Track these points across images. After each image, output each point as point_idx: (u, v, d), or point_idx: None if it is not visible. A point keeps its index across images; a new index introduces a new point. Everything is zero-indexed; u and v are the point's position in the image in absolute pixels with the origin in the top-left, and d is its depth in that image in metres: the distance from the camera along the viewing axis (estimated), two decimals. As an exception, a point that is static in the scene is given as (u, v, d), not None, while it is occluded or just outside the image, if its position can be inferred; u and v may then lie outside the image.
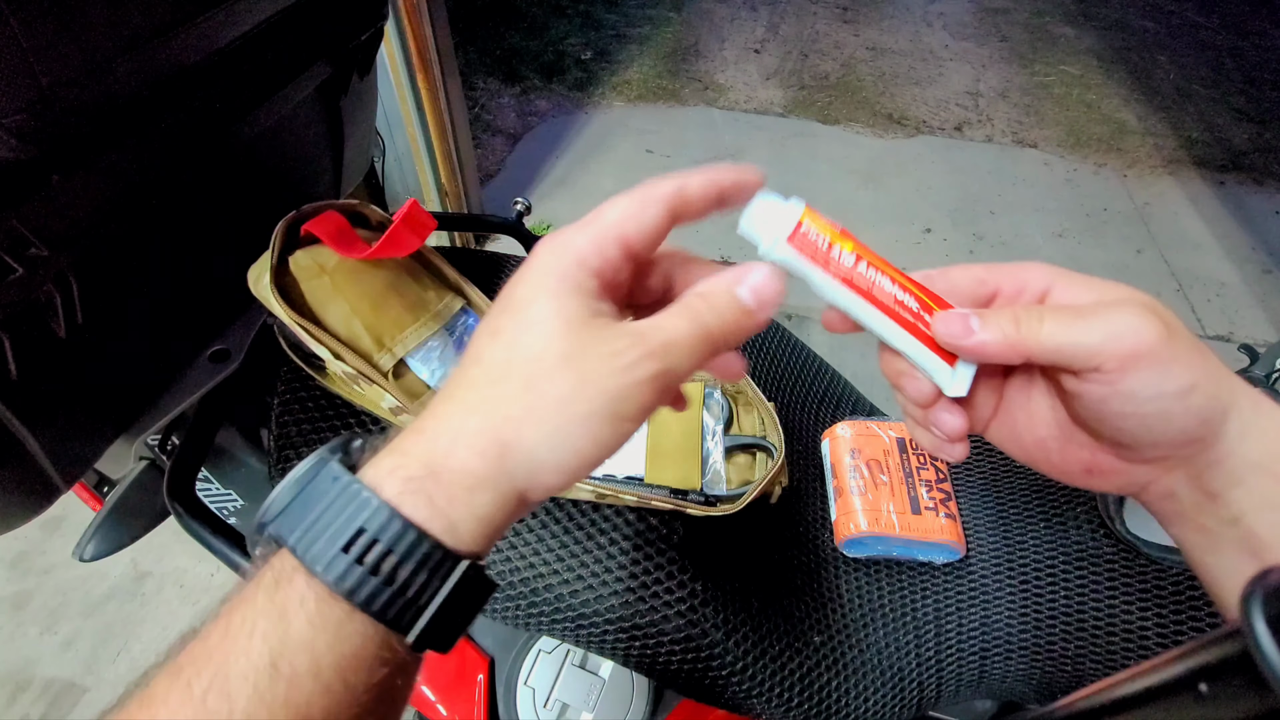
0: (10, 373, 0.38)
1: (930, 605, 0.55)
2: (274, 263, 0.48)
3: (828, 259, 0.26)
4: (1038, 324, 0.24)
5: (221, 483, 0.65)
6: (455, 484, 0.21)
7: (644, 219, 0.24)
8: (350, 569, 0.20)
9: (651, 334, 0.22)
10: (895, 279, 0.26)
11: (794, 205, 0.26)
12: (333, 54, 0.63)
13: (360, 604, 0.20)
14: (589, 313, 0.22)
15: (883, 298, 0.26)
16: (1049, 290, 0.26)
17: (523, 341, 0.22)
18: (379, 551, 0.20)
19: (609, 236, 0.23)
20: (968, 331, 0.25)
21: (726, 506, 0.51)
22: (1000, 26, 3.09)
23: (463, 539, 0.21)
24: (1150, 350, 0.22)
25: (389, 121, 1.52)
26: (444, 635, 0.22)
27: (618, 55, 2.73)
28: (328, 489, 0.21)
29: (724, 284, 0.24)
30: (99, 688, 1.09)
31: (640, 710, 0.56)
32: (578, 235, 0.23)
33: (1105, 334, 0.23)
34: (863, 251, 0.26)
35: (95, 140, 0.40)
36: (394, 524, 0.20)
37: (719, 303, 0.24)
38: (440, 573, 0.21)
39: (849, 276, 0.26)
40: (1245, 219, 2.06)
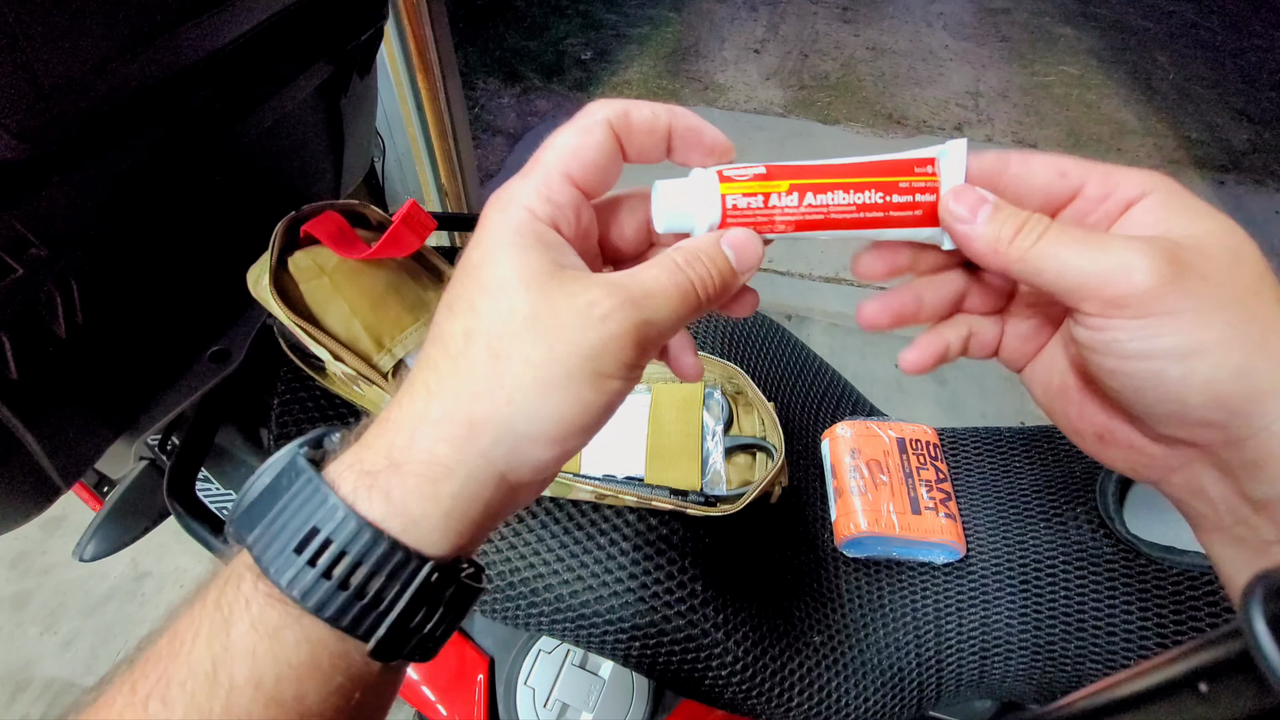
0: (10, 373, 0.38)
1: (930, 605, 0.55)
2: (273, 263, 0.48)
3: (770, 215, 0.23)
4: (1034, 239, 0.21)
5: (221, 483, 0.65)
6: (418, 475, 0.19)
7: (586, 148, 0.22)
8: (302, 572, 0.18)
9: (628, 283, 0.20)
10: (846, 184, 0.23)
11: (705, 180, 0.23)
12: (333, 54, 0.63)
13: (312, 609, 0.18)
14: (552, 265, 0.20)
15: (843, 215, 0.23)
16: (1139, 200, 0.22)
17: (482, 308, 0.20)
18: (333, 553, 0.18)
19: (554, 176, 0.21)
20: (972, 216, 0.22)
21: (726, 507, 0.51)
22: (1000, 26, 3.09)
23: (428, 537, 0.19)
24: (1139, 297, 0.19)
25: (389, 121, 1.52)
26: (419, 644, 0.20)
27: (618, 55, 2.73)
28: (290, 485, 0.19)
29: (708, 240, 0.22)
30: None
31: (640, 710, 0.56)
32: (522, 185, 0.21)
33: (1094, 269, 0.20)
34: (800, 179, 0.23)
35: (95, 140, 0.40)
36: (348, 523, 0.18)
37: (703, 256, 0.22)
38: (401, 576, 0.19)
39: (800, 219, 0.23)
40: (1245, 219, 2.06)
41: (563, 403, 0.19)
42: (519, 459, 0.20)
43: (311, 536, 0.18)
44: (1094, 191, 0.22)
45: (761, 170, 0.23)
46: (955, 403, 1.54)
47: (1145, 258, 0.19)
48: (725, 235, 0.23)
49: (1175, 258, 0.19)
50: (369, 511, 0.19)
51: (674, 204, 0.23)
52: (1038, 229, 0.21)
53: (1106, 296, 0.19)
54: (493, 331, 0.19)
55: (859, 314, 0.25)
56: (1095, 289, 0.20)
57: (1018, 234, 0.21)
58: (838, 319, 1.73)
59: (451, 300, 0.21)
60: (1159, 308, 0.19)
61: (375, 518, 0.19)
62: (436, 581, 0.19)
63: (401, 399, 0.21)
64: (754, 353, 0.68)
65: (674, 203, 0.23)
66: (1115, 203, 0.22)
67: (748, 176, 0.23)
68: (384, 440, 0.20)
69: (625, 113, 0.22)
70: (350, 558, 0.18)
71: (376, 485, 0.19)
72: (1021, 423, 1.52)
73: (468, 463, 0.19)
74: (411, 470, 0.19)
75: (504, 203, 0.21)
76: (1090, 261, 0.20)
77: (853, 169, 0.23)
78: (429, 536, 0.19)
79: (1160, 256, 0.19)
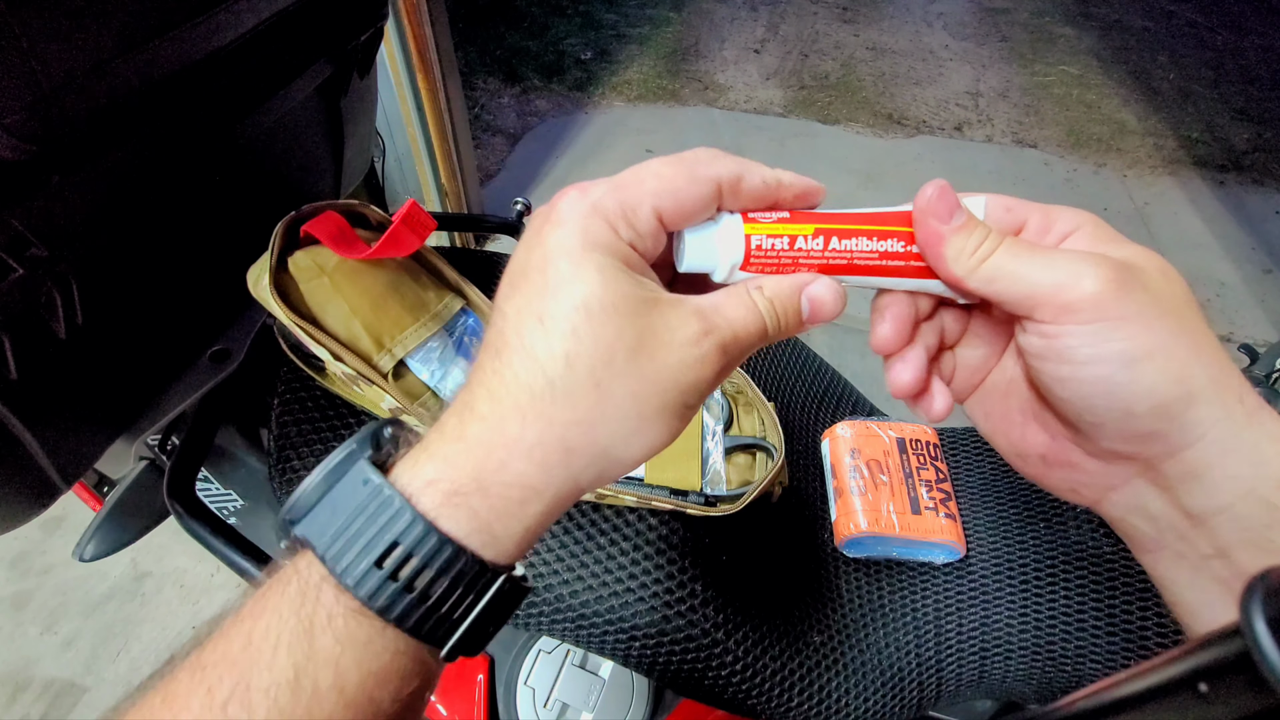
0: (10, 373, 0.38)
1: (930, 605, 0.55)
2: (273, 263, 0.48)
3: (795, 256, 0.23)
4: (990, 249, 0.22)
5: (221, 483, 0.65)
6: (505, 497, 0.19)
7: (688, 197, 0.21)
8: (383, 585, 0.19)
9: (719, 322, 0.21)
10: (870, 230, 0.23)
11: (731, 224, 0.23)
12: (333, 54, 0.63)
13: (395, 621, 0.19)
14: (642, 290, 0.20)
15: (865, 261, 0.24)
16: (1073, 233, 0.23)
17: (585, 333, 0.19)
18: (414, 567, 0.19)
19: (645, 205, 0.21)
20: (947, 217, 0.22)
21: (726, 507, 0.51)
22: (1000, 26, 3.09)
23: (505, 550, 0.20)
24: (1090, 302, 0.20)
25: (389, 121, 1.52)
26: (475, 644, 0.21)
27: (618, 55, 2.73)
28: (358, 492, 0.20)
29: (789, 287, 0.23)
30: (99, 688, 1.09)
31: (640, 710, 0.56)
32: (604, 195, 0.21)
33: (1045, 278, 0.21)
34: (825, 225, 0.23)
35: (95, 140, 0.40)
36: (430, 538, 0.19)
37: (780, 305, 0.22)
38: (477, 587, 0.20)
39: (823, 263, 0.24)
40: (1245, 219, 2.06)
41: (656, 433, 0.20)
42: (602, 478, 0.21)
43: (392, 550, 0.19)
44: (1035, 225, 0.24)
45: (785, 215, 0.24)
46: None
47: (1094, 267, 0.20)
48: (809, 286, 0.23)
49: (1120, 268, 0.20)
50: (452, 528, 0.19)
51: (700, 241, 0.23)
52: (994, 241, 0.22)
53: (1059, 303, 0.20)
54: (596, 360, 0.19)
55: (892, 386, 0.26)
56: (1047, 296, 0.21)
57: (979, 246, 0.22)
58: (838, 319, 1.73)
59: (541, 313, 0.20)
60: (1107, 313, 0.20)
61: (458, 534, 0.19)
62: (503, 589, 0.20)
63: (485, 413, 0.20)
64: (754, 353, 0.68)
65: (700, 240, 0.23)
66: (1054, 235, 0.24)
67: (772, 219, 0.23)
68: (473, 460, 0.20)
69: (739, 177, 0.22)
70: (431, 572, 0.19)
71: (463, 504, 0.19)
72: (1021, 423, 1.52)
73: (555, 484, 0.20)
74: (499, 492, 0.19)
75: (583, 210, 0.20)
76: (1042, 271, 0.21)
77: (877, 217, 0.24)
78: (505, 549, 0.20)
79: (1107, 266, 0.20)
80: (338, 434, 0.54)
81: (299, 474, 0.53)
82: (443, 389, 0.54)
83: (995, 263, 0.22)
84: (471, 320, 0.59)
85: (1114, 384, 0.20)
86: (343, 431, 0.54)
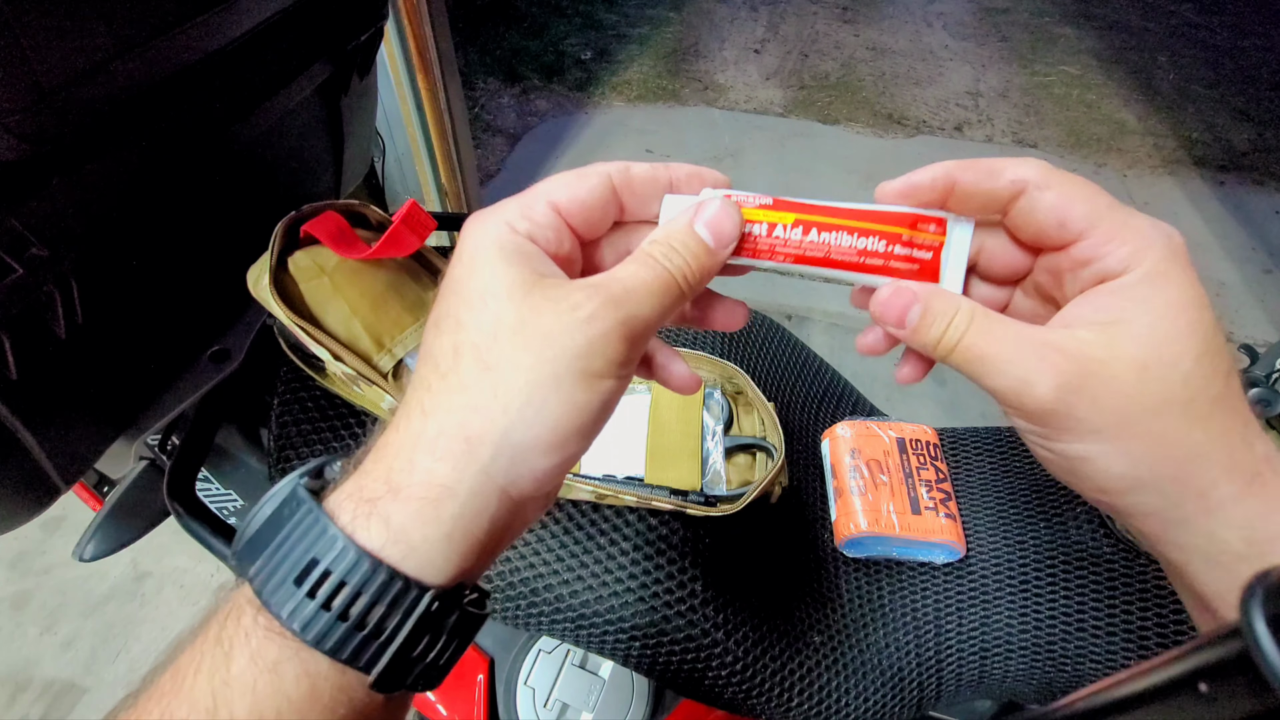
0: (10, 373, 0.38)
1: (930, 605, 0.55)
2: (273, 263, 0.48)
3: (771, 245, 0.23)
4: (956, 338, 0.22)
5: (221, 483, 0.65)
6: (419, 498, 0.19)
7: (576, 187, 0.22)
8: (301, 604, 0.18)
9: (608, 283, 0.20)
10: (852, 226, 0.23)
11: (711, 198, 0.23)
12: (333, 54, 0.63)
13: (312, 642, 0.18)
14: (533, 274, 0.20)
15: (843, 257, 0.23)
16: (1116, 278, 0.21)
17: (467, 321, 0.20)
18: (332, 584, 0.18)
19: (538, 199, 0.22)
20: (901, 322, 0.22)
21: (726, 507, 0.51)
22: (1000, 26, 3.09)
23: (430, 563, 0.19)
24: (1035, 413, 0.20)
25: (389, 121, 1.52)
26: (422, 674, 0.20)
27: (618, 55, 2.73)
28: (291, 515, 0.19)
29: (679, 224, 0.22)
30: (99, 688, 1.09)
31: (640, 710, 0.56)
32: (504, 204, 0.22)
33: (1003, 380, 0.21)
34: (806, 215, 0.23)
35: (95, 140, 0.40)
36: (347, 553, 0.18)
37: (676, 242, 0.22)
38: (402, 605, 0.18)
39: (800, 254, 0.23)
40: (1245, 219, 2.06)
41: (558, 406, 0.19)
42: (519, 470, 0.19)
43: (311, 568, 0.18)
44: (1082, 253, 0.22)
45: (769, 201, 0.23)
46: (955, 403, 1.54)
47: (1046, 376, 0.20)
48: (698, 215, 0.22)
49: (1074, 378, 0.20)
50: (368, 540, 0.18)
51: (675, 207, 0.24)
52: (960, 328, 0.21)
53: (1013, 405, 0.21)
54: (480, 343, 0.19)
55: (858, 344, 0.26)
56: (1003, 396, 0.21)
57: (943, 335, 0.22)
58: (838, 319, 1.73)
59: (438, 318, 0.21)
60: (1054, 422, 0.20)
61: (374, 546, 0.18)
62: (438, 610, 0.19)
63: (398, 422, 0.20)
64: (754, 353, 0.68)
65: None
66: (1092, 273, 0.21)
67: (754, 204, 0.23)
68: (382, 465, 0.20)
69: (626, 167, 0.23)
70: (349, 588, 0.18)
71: (375, 512, 0.19)
72: (1021, 423, 1.52)
73: (468, 480, 0.19)
74: (411, 494, 0.19)
75: (483, 219, 0.21)
76: (1000, 371, 0.21)
77: (861, 214, 0.23)
78: (431, 562, 0.19)
79: (1059, 377, 0.20)
80: (338, 434, 0.54)
81: (299, 474, 0.53)
82: (443, 389, 0.54)
83: (962, 352, 0.21)
84: (471, 320, 0.59)
85: (1080, 473, 0.21)
86: (343, 432, 0.54)
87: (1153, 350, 0.20)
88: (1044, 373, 0.20)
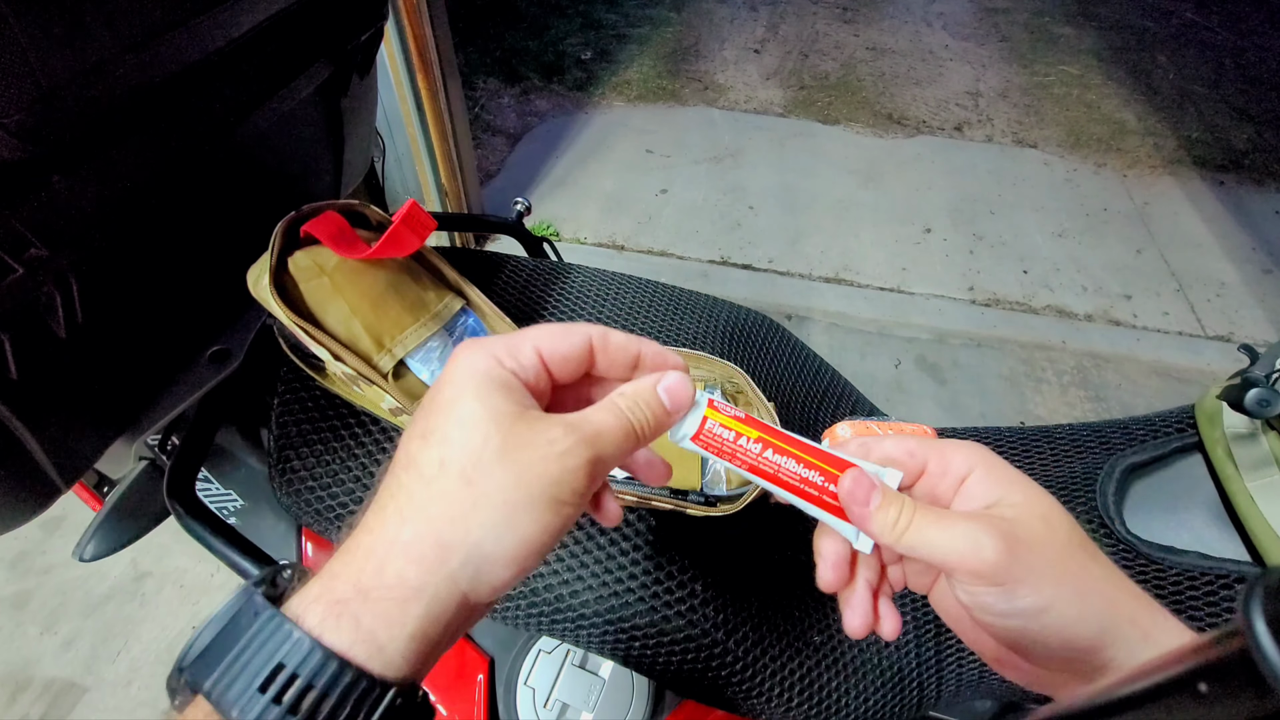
0: (10, 373, 0.38)
1: (930, 605, 0.55)
2: (273, 263, 0.48)
3: (735, 449, 0.28)
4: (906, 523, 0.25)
5: (221, 483, 0.65)
6: (387, 599, 0.20)
7: (560, 340, 0.25)
8: (267, 710, 0.18)
9: (582, 424, 0.23)
10: (801, 458, 0.28)
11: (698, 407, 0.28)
12: (333, 54, 0.63)
13: None
14: (518, 406, 0.23)
15: (788, 479, 0.28)
16: (968, 475, 0.27)
17: (456, 439, 0.22)
18: (299, 687, 0.18)
19: (525, 341, 0.25)
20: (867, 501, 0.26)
21: (726, 506, 0.51)
22: (1000, 26, 3.09)
23: (393, 661, 0.20)
24: (990, 570, 0.23)
25: (389, 121, 1.52)
26: None
27: (618, 55, 2.73)
28: (249, 625, 0.20)
29: (646, 384, 0.26)
30: (99, 688, 1.09)
31: (640, 710, 0.56)
32: (494, 340, 0.25)
33: (950, 549, 0.24)
34: (768, 437, 0.28)
35: (96, 140, 0.40)
36: (314, 655, 0.19)
37: (641, 400, 0.25)
38: (367, 703, 0.19)
39: (754, 464, 0.28)
40: (1245, 219, 2.06)
41: (527, 526, 0.21)
42: (483, 579, 0.21)
43: (276, 673, 0.19)
44: (934, 468, 0.28)
45: (742, 415, 0.28)
46: (955, 403, 1.54)
47: (989, 537, 0.24)
48: (661, 381, 0.26)
49: (1008, 534, 0.24)
50: (336, 641, 0.19)
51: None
52: (909, 515, 0.25)
53: (967, 570, 0.24)
54: (466, 461, 0.21)
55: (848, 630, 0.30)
56: (956, 564, 0.24)
57: (898, 519, 0.25)
58: (838, 319, 1.73)
59: (425, 430, 0.22)
60: (1005, 577, 0.23)
61: (341, 647, 0.19)
62: (401, 706, 0.20)
63: (369, 523, 0.22)
64: (754, 353, 0.68)
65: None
66: (951, 479, 0.27)
67: (730, 414, 0.28)
68: (352, 569, 0.21)
69: (605, 333, 0.26)
70: (316, 691, 0.18)
71: (345, 613, 0.20)
72: (1021, 423, 1.52)
73: (434, 584, 0.20)
74: (380, 595, 0.20)
75: (474, 350, 0.24)
76: (948, 542, 0.24)
77: (811, 450, 0.28)
78: (393, 661, 0.20)
79: (998, 536, 0.24)
80: (337, 434, 0.54)
81: (299, 474, 0.53)
82: (443, 389, 0.54)
83: (913, 534, 0.25)
84: (471, 320, 0.59)
85: (1028, 631, 0.24)
86: (342, 432, 0.54)
87: (1038, 506, 0.25)
88: (987, 533, 0.24)
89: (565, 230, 1.97)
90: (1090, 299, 1.82)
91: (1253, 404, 0.51)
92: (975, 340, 1.69)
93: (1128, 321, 1.77)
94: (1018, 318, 1.76)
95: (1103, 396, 1.59)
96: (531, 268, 0.71)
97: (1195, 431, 0.60)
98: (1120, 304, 1.81)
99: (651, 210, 2.04)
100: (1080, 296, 1.83)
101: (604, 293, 0.70)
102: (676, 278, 1.30)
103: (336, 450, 0.54)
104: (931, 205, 2.09)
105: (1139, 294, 1.84)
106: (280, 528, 0.63)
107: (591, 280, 0.71)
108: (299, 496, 0.52)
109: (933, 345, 1.68)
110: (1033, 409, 1.55)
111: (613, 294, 0.70)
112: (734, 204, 2.05)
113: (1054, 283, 1.86)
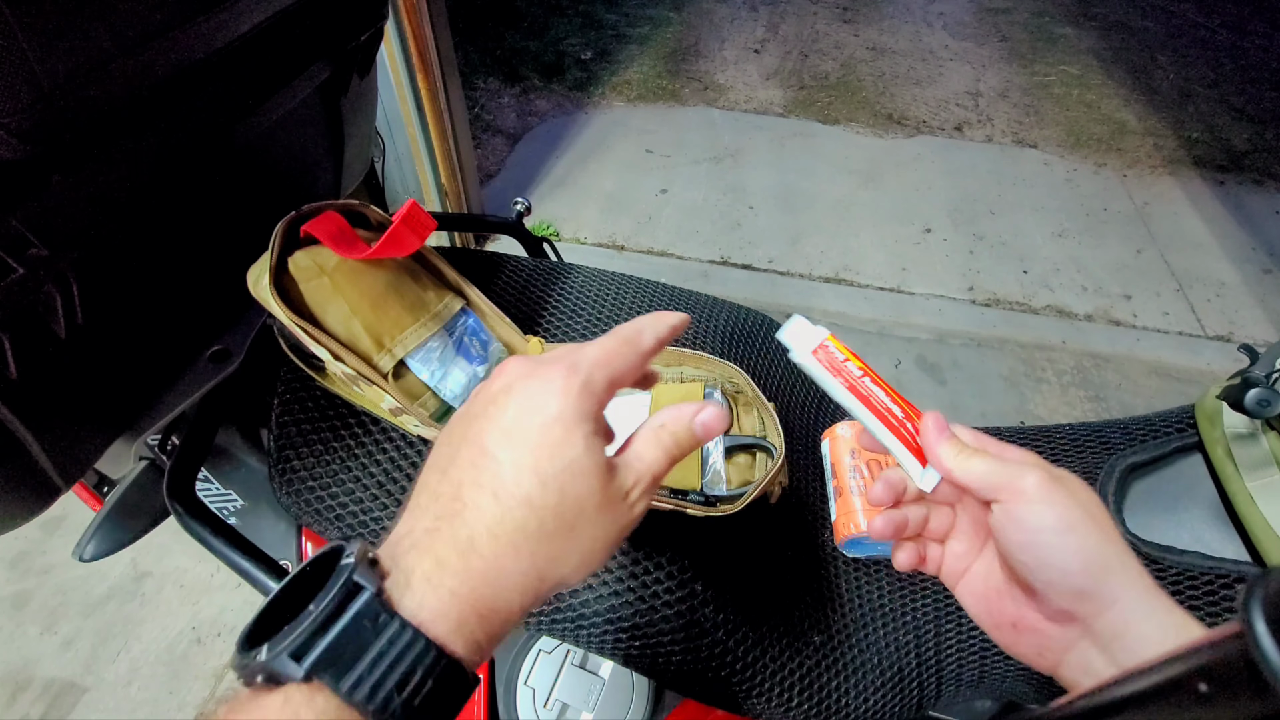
0: (10, 373, 0.38)
1: (930, 605, 0.55)
2: (273, 263, 0.48)
3: (841, 369, 0.34)
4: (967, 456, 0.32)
5: (221, 483, 0.65)
6: (494, 620, 0.25)
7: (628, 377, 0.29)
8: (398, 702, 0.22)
9: (643, 471, 0.28)
10: (890, 391, 0.34)
11: (820, 330, 0.35)
12: (333, 54, 0.63)
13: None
14: (605, 457, 0.27)
15: (878, 405, 0.34)
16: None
17: (572, 492, 0.25)
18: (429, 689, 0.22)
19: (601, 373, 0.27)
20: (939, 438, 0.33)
21: (726, 507, 0.51)
22: (1000, 26, 3.09)
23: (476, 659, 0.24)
24: (1032, 489, 0.29)
25: (389, 121, 1.52)
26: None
27: (618, 55, 2.73)
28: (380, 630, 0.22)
29: (685, 419, 0.30)
30: (99, 688, 1.09)
31: (640, 710, 0.56)
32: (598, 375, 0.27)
33: (1007, 476, 0.30)
34: (868, 370, 0.34)
35: (96, 140, 0.40)
36: (442, 663, 0.23)
37: (680, 434, 0.29)
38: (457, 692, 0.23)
39: (854, 385, 0.34)
40: (1245, 219, 2.06)
41: (598, 562, 0.27)
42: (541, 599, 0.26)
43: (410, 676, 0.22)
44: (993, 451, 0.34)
45: (854, 351, 0.34)
46: (955, 403, 1.54)
47: (1033, 470, 0.30)
48: (699, 415, 0.30)
49: (1050, 472, 0.30)
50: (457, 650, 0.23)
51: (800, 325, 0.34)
52: (970, 450, 0.32)
53: (1012, 489, 0.30)
54: (574, 512, 0.25)
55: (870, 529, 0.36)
56: (1004, 485, 0.30)
57: (960, 452, 0.32)
58: (838, 319, 1.73)
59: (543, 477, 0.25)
60: (1042, 498, 0.29)
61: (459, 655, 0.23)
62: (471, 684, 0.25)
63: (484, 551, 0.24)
64: (754, 353, 0.68)
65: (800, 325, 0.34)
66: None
67: (846, 346, 0.35)
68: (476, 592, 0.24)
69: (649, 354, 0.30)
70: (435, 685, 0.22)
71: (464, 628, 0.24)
72: (1021, 423, 1.52)
73: (523, 606, 0.25)
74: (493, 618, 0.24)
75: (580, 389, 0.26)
76: (1001, 470, 0.31)
77: (895, 391, 0.34)
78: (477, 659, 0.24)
79: (1041, 470, 0.30)
80: (337, 434, 0.54)
81: (299, 474, 0.53)
82: (443, 389, 0.54)
83: (971, 463, 0.32)
84: (471, 320, 0.59)
85: (1053, 547, 0.29)
86: (342, 432, 0.54)
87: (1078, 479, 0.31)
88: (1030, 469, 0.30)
89: (565, 230, 1.97)
90: (1090, 299, 1.82)
91: (1253, 404, 0.51)
92: (975, 340, 1.69)
93: (1128, 321, 1.77)
94: (1018, 318, 1.76)
95: (1103, 396, 1.59)
96: (531, 268, 0.71)
97: (1195, 431, 0.60)
98: (1120, 304, 1.81)
99: (651, 210, 2.04)
100: (1080, 296, 1.83)
101: (604, 293, 0.70)
102: (676, 278, 1.30)
103: (336, 450, 0.54)
104: (931, 205, 2.09)
105: (1139, 294, 1.84)
106: (280, 528, 0.63)
107: (591, 280, 0.71)
108: (299, 496, 0.52)
109: (933, 345, 1.68)
110: (1033, 409, 1.55)
111: (613, 294, 0.70)
112: (734, 204, 2.05)
113: (1054, 283, 1.86)
